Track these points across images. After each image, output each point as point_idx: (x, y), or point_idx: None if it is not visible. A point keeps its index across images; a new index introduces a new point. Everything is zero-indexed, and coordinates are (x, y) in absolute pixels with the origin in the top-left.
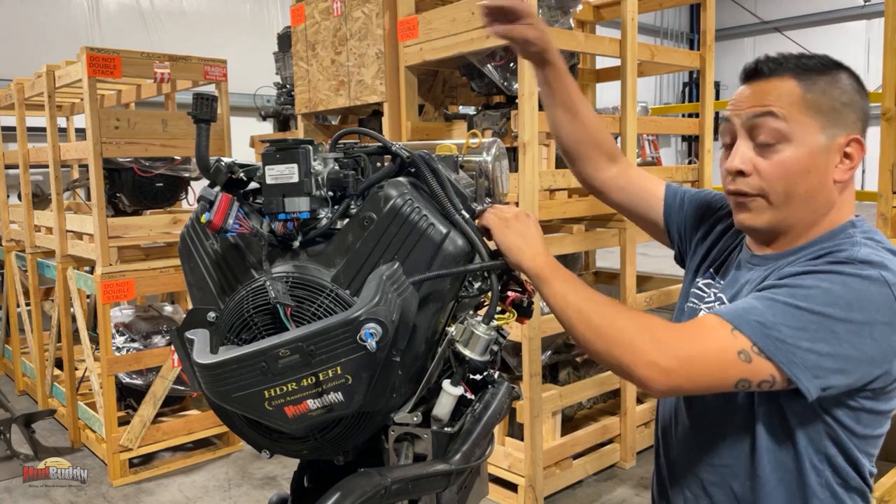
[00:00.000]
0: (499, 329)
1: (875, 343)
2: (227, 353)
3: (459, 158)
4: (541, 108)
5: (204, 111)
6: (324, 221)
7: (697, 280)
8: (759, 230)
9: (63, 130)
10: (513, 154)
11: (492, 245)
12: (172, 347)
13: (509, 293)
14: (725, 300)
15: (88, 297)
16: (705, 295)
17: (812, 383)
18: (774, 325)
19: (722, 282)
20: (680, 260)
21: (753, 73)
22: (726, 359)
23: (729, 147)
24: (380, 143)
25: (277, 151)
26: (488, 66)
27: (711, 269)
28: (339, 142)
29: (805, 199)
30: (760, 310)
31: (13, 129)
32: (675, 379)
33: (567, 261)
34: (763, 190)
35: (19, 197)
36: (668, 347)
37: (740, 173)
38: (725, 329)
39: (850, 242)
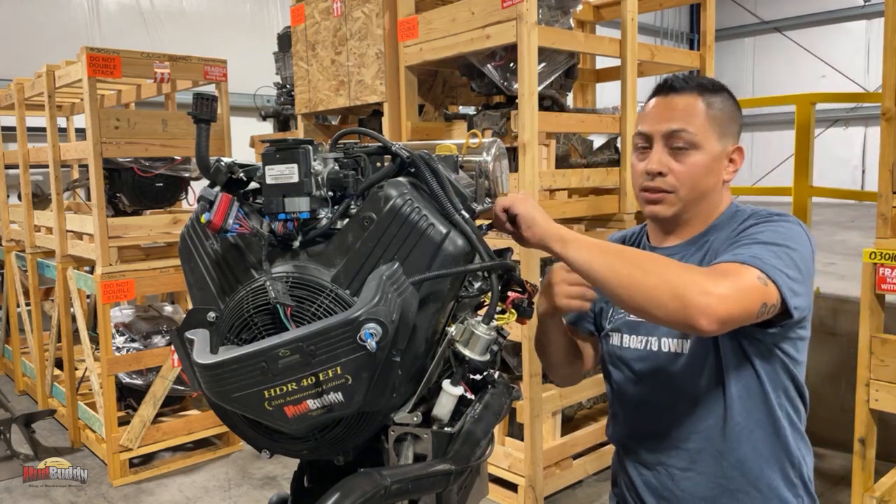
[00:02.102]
0: (499, 329)
1: (808, 269)
2: (227, 353)
3: (459, 158)
4: (541, 108)
5: (204, 111)
6: (324, 221)
7: None
8: (667, 219)
9: (63, 130)
10: (513, 154)
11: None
12: (172, 347)
13: (509, 293)
14: None
15: (88, 297)
16: None
17: (792, 301)
18: (763, 257)
19: None
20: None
21: (668, 88)
22: (755, 284)
23: (642, 150)
24: (380, 143)
25: (277, 151)
26: (488, 66)
27: None
28: (339, 142)
29: (704, 194)
30: (746, 251)
31: (13, 129)
32: (729, 305)
33: None
34: (675, 187)
35: (19, 197)
36: (716, 277)
37: (659, 174)
38: (738, 265)
39: (749, 209)
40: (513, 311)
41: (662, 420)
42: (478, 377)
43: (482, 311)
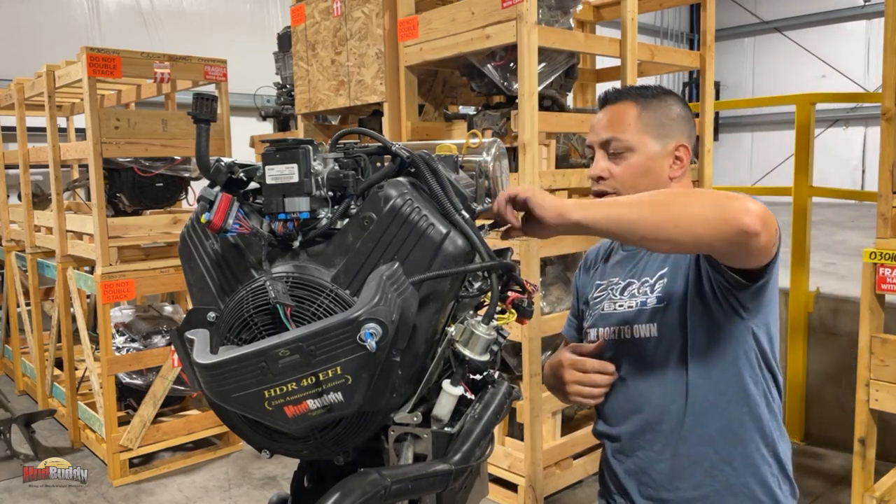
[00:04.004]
0: (499, 329)
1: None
2: (226, 353)
3: (459, 158)
4: (541, 108)
5: (204, 111)
6: (324, 221)
7: (593, 296)
8: None
9: (63, 130)
10: (513, 154)
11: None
12: (172, 347)
13: (509, 293)
14: (634, 280)
15: (88, 297)
16: (608, 291)
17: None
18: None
19: (615, 278)
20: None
21: (604, 101)
22: (769, 210)
23: (592, 160)
24: (380, 143)
25: (277, 151)
26: (488, 66)
27: (597, 282)
28: (339, 142)
29: None
30: None
31: (13, 129)
32: (762, 208)
33: (567, 261)
34: (616, 188)
35: (19, 197)
36: (741, 195)
37: (601, 178)
38: None
39: None
40: (513, 311)
41: (637, 405)
42: (478, 377)
43: (482, 311)
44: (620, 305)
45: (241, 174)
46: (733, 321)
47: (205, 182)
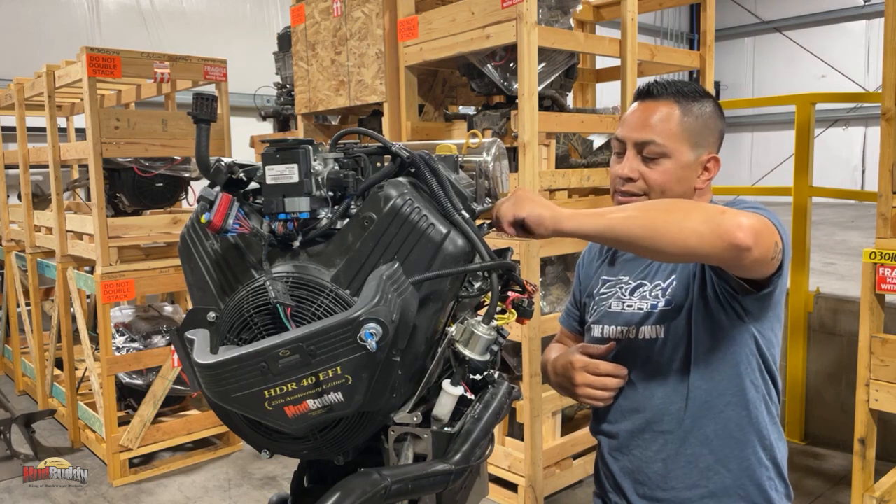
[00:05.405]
0: (499, 329)
1: (788, 242)
2: (227, 353)
3: (459, 158)
4: (541, 108)
5: (204, 111)
6: (324, 221)
7: (600, 292)
8: None
9: (63, 130)
10: (513, 154)
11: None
12: (172, 347)
13: (509, 293)
14: (646, 282)
15: (88, 297)
16: (617, 290)
17: (787, 253)
18: (760, 213)
19: (625, 277)
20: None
21: (646, 94)
22: (767, 223)
23: (619, 155)
24: (380, 143)
25: (277, 151)
26: (488, 66)
27: (604, 277)
28: (339, 142)
29: None
30: (741, 210)
31: (13, 129)
32: (756, 222)
33: (567, 261)
34: (645, 191)
35: (19, 197)
36: (733, 211)
37: (630, 179)
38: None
39: (727, 199)
40: (513, 310)
41: (637, 404)
42: (478, 377)
43: (482, 311)
44: (629, 306)
45: (241, 174)
46: (736, 325)
47: (205, 182)
